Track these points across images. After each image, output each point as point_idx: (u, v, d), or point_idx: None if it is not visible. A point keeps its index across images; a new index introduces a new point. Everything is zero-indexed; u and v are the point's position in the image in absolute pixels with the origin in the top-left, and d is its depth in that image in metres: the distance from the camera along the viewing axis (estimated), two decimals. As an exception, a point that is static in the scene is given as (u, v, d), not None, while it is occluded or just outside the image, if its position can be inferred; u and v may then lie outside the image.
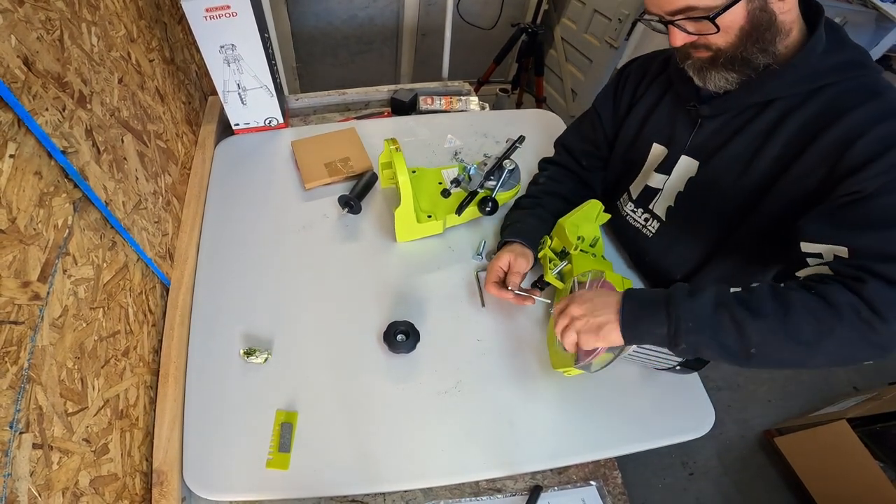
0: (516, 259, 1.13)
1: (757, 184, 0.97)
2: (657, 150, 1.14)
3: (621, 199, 1.27)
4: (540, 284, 1.17)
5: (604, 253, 1.21)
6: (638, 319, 0.85)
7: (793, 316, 0.76)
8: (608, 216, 1.24)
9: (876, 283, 0.73)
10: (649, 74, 1.17)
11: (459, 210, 1.23)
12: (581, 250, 1.14)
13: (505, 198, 1.29)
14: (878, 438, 1.99)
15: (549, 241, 1.19)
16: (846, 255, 0.79)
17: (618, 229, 1.32)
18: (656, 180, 1.14)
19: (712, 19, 0.81)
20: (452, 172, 1.34)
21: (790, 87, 0.91)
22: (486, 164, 1.27)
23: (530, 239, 1.19)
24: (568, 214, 1.19)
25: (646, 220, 1.20)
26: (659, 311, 0.83)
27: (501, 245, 1.21)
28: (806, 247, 0.84)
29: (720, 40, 0.87)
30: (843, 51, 0.89)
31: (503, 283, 1.13)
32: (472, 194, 1.24)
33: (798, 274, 0.86)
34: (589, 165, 1.31)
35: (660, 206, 1.16)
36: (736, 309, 0.79)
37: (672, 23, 0.86)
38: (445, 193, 1.27)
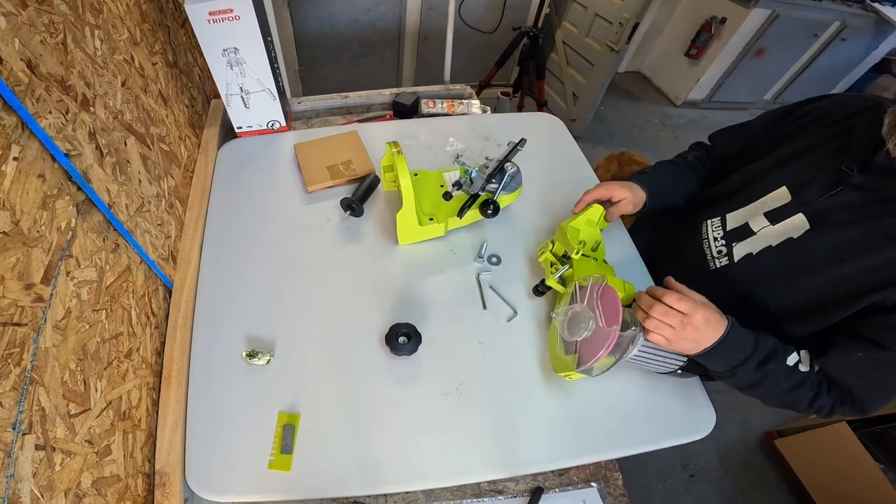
0: (632, 195, 1.18)
1: (845, 277, 0.92)
2: (780, 194, 1.04)
3: (711, 221, 1.17)
4: (541, 288, 1.17)
5: (605, 257, 1.20)
6: (714, 357, 0.92)
7: (787, 397, 0.95)
8: (608, 223, 1.24)
9: (847, 409, 0.93)
10: (833, 116, 1.03)
11: (461, 213, 1.23)
12: (583, 255, 1.14)
13: (506, 201, 1.29)
14: (879, 440, 2.00)
15: (550, 246, 1.19)
16: (836, 384, 0.93)
17: (683, 243, 1.25)
18: (758, 223, 1.06)
19: None
20: (454, 175, 1.34)
21: None
22: (487, 167, 1.27)
23: (658, 195, 1.23)
24: (569, 219, 1.19)
25: (719, 252, 1.13)
26: (730, 363, 0.93)
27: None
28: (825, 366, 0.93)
29: None
30: None
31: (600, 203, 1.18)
32: (474, 197, 1.24)
33: (818, 364, 0.94)
34: (713, 167, 1.31)
35: (740, 249, 1.09)
36: (765, 381, 0.93)
37: None
38: (447, 196, 1.27)
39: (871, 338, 0.87)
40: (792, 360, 0.93)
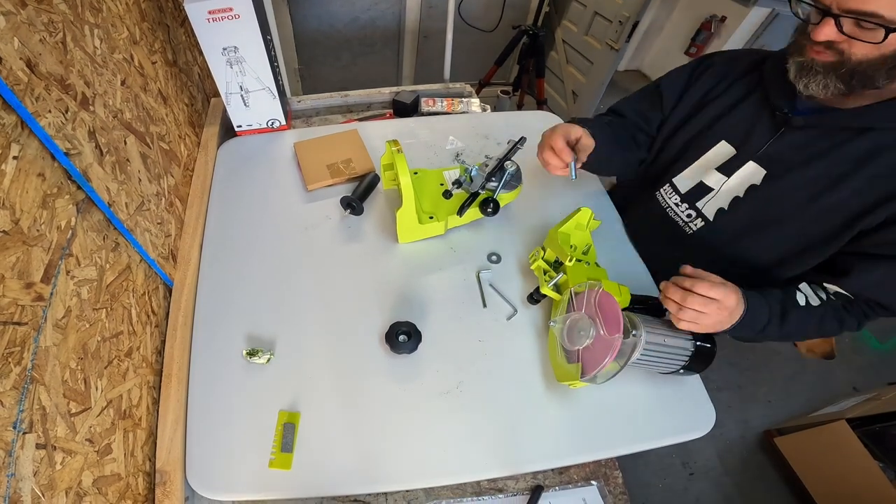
0: (579, 132, 1.13)
1: (824, 210, 0.98)
2: (723, 149, 1.12)
3: (663, 190, 1.25)
4: (536, 296, 1.16)
5: (597, 259, 1.20)
6: (741, 328, 0.97)
7: (817, 332, 1.01)
8: (598, 223, 1.23)
9: (873, 317, 1.00)
10: (734, 73, 1.14)
11: (461, 211, 1.23)
12: (576, 260, 1.13)
13: (506, 199, 1.29)
14: (878, 438, 2.00)
15: (541, 253, 1.18)
16: (866, 300, 0.99)
17: (651, 219, 1.30)
18: (713, 179, 1.13)
19: (889, 30, 0.78)
20: (454, 174, 1.34)
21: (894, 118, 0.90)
22: (487, 166, 1.27)
23: (594, 133, 1.17)
24: (558, 224, 1.18)
25: (688, 216, 1.20)
26: (757, 327, 0.98)
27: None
28: (835, 286, 1.01)
29: (862, 51, 0.83)
30: None
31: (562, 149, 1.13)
32: (474, 195, 1.24)
33: (826, 286, 1.02)
34: (634, 137, 1.30)
35: (709, 207, 1.15)
36: (791, 331, 1.00)
37: (836, 17, 0.82)
38: (447, 195, 1.27)
39: (884, 253, 0.94)
40: (801, 299, 1.01)
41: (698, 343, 0.98)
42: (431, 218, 1.25)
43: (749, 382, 2.61)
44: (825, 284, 1.02)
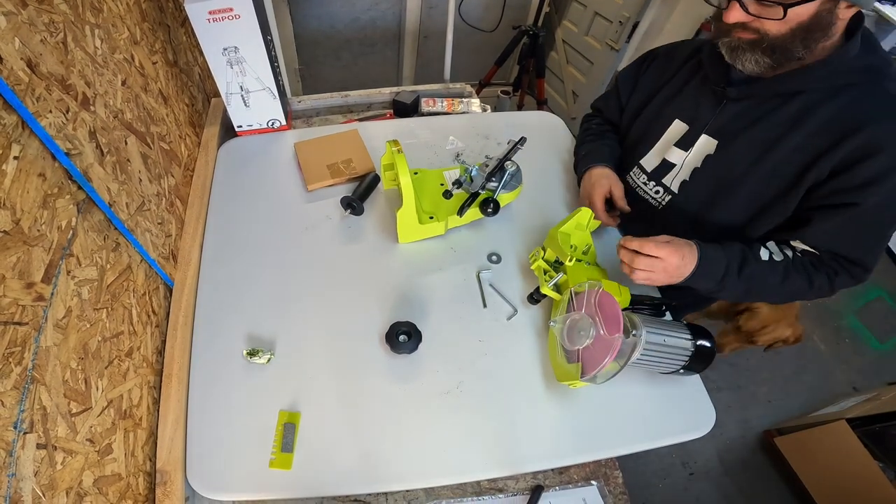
0: (615, 183, 1.28)
1: (771, 169, 1.05)
2: (678, 127, 1.20)
3: (633, 173, 1.33)
4: (536, 296, 1.17)
5: (597, 259, 1.22)
6: (699, 279, 1.04)
7: (784, 289, 1.05)
8: (598, 223, 1.24)
9: (844, 276, 1.04)
10: (677, 60, 1.25)
11: (461, 211, 1.23)
12: (576, 260, 1.14)
13: (506, 199, 1.29)
14: (878, 438, 2.00)
15: (541, 253, 1.18)
16: (832, 254, 1.04)
17: (628, 201, 1.34)
18: (675, 156, 1.20)
19: (786, 7, 0.86)
20: (454, 174, 1.34)
21: (817, 81, 0.97)
22: (487, 166, 1.27)
23: (613, 162, 1.35)
24: (559, 224, 1.18)
25: (656, 192, 1.26)
26: (715, 277, 1.04)
27: (582, 174, 1.36)
28: (801, 244, 1.06)
29: (774, 27, 0.91)
30: (872, 56, 0.96)
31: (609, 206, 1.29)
32: (474, 195, 1.24)
33: (793, 244, 1.07)
34: (614, 128, 1.45)
35: (674, 181, 1.22)
36: (754, 286, 1.05)
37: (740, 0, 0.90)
38: (447, 195, 1.27)
39: (837, 202, 0.99)
40: (764, 254, 1.06)
41: (698, 343, 0.98)
42: (431, 218, 1.25)
43: (749, 382, 2.61)
44: (792, 243, 1.07)
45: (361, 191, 1.35)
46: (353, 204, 1.29)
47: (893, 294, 2.85)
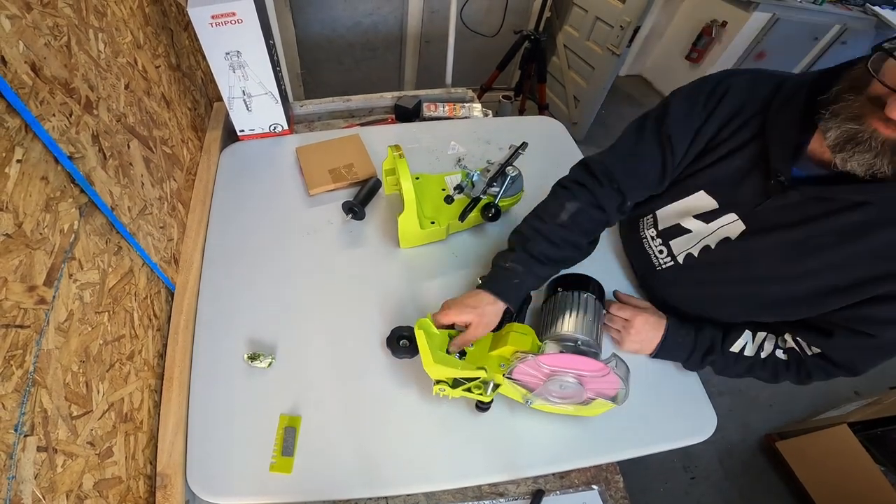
0: (478, 325, 0.99)
1: (798, 278, 0.90)
2: (703, 200, 1.00)
3: (645, 219, 1.17)
4: (483, 406, 1.00)
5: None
6: (665, 355, 1.09)
7: (745, 376, 1.06)
8: (437, 326, 1.03)
9: (820, 375, 0.99)
10: (748, 109, 0.93)
11: (462, 216, 1.23)
12: (459, 356, 1.01)
13: (507, 204, 1.29)
14: (879, 442, 2.00)
15: (444, 387, 0.97)
16: (824, 359, 0.96)
17: (631, 243, 1.26)
18: (691, 224, 1.04)
19: None
20: (456, 179, 1.34)
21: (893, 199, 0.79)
22: (489, 171, 1.27)
23: (517, 302, 1.05)
24: (424, 359, 0.95)
25: (660, 252, 1.13)
26: (679, 359, 1.09)
27: (487, 284, 1.04)
28: (799, 341, 0.99)
29: None
30: None
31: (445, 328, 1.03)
32: (475, 201, 1.24)
33: (785, 337, 1.02)
34: (627, 199, 1.08)
35: (681, 249, 1.08)
36: (717, 367, 1.08)
37: None
38: (448, 200, 1.27)
39: (855, 328, 0.90)
40: (736, 346, 1.03)
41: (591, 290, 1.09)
42: (433, 223, 1.25)
43: (750, 386, 2.60)
44: (787, 336, 1.01)
45: (363, 196, 1.35)
46: (355, 209, 1.30)
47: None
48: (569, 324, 1.00)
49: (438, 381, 0.97)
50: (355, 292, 1.20)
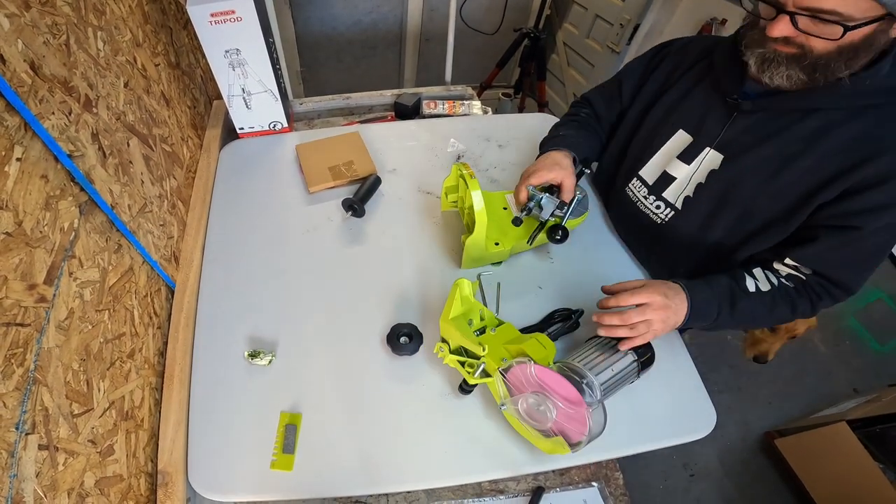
0: (568, 176, 1.17)
1: (779, 189, 0.99)
2: (681, 138, 1.13)
3: (632, 185, 1.25)
4: (466, 387, 1.02)
5: (496, 313, 1.12)
6: (694, 322, 1.00)
7: (772, 317, 1.04)
8: (475, 287, 1.12)
9: (827, 300, 1.01)
10: (688, 60, 1.16)
11: (531, 240, 1.20)
12: (478, 333, 1.03)
13: (573, 225, 1.26)
14: (878, 440, 2.00)
15: (445, 347, 1.01)
16: (819, 276, 1.00)
17: (625, 215, 1.30)
18: (677, 169, 1.13)
19: (848, 28, 0.78)
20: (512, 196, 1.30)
21: (842, 99, 0.91)
22: (554, 194, 1.19)
23: (582, 157, 1.26)
24: (444, 310, 1.03)
25: (657, 207, 1.19)
26: (710, 318, 1.01)
27: (545, 151, 1.26)
28: (791, 263, 1.02)
29: (821, 45, 0.84)
30: None
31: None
32: (543, 223, 1.21)
33: (776, 267, 1.04)
34: (601, 126, 1.37)
35: (676, 196, 1.15)
36: (746, 319, 1.03)
37: (792, 14, 0.82)
38: (517, 222, 1.21)
39: (840, 224, 0.95)
40: (751, 285, 1.03)
41: (638, 353, 0.97)
42: (497, 244, 1.20)
43: (749, 384, 2.60)
44: (779, 265, 1.04)
45: (363, 193, 1.35)
46: (355, 206, 1.30)
47: (894, 296, 2.84)
48: (588, 360, 0.95)
49: (444, 341, 1.02)
50: (355, 289, 1.20)
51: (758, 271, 1.05)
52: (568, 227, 1.20)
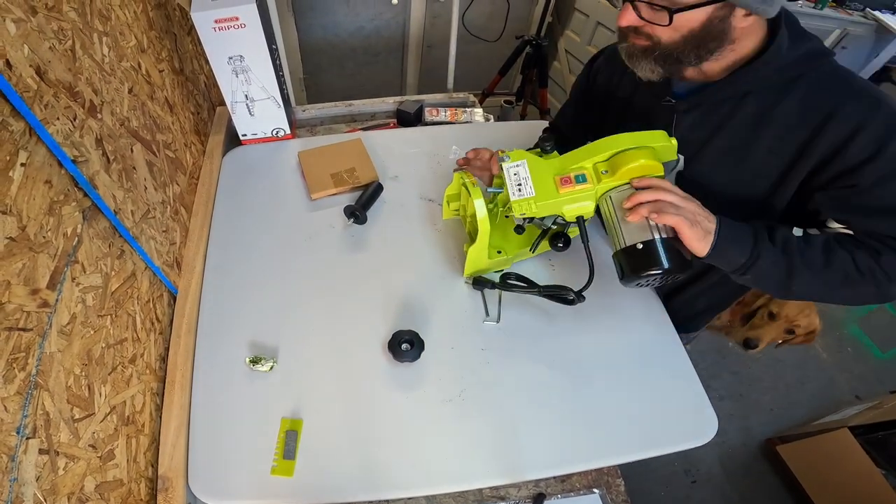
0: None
1: (750, 176, 0.99)
2: None
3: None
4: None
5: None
6: (727, 245, 0.90)
7: (831, 273, 0.90)
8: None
9: (889, 255, 0.88)
10: (618, 69, 1.15)
11: (533, 248, 1.20)
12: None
13: (575, 232, 1.23)
14: (880, 446, 2.00)
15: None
16: (865, 231, 0.92)
17: None
18: None
19: (672, 12, 0.82)
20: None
21: (763, 79, 0.92)
22: None
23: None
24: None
25: None
26: (745, 247, 0.91)
27: None
28: (832, 224, 0.96)
29: (664, 35, 0.87)
30: (805, 41, 0.91)
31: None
32: (545, 231, 1.21)
33: (827, 227, 0.98)
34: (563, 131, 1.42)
35: None
36: (795, 259, 0.90)
37: (633, 2, 0.86)
38: (519, 230, 1.19)
39: (839, 185, 0.91)
40: (797, 231, 0.95)
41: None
42: (499, 252, 1.21)
43: (751, 391, 2.60)
44: (825, 227, 0.99)
45: (364, 200, 1.35)
46: (357, 213, 1.30)
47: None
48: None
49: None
50: (356, 296, 1.20)
51: (797, 229, 0.96)
52: (570, 235, 1.19)
